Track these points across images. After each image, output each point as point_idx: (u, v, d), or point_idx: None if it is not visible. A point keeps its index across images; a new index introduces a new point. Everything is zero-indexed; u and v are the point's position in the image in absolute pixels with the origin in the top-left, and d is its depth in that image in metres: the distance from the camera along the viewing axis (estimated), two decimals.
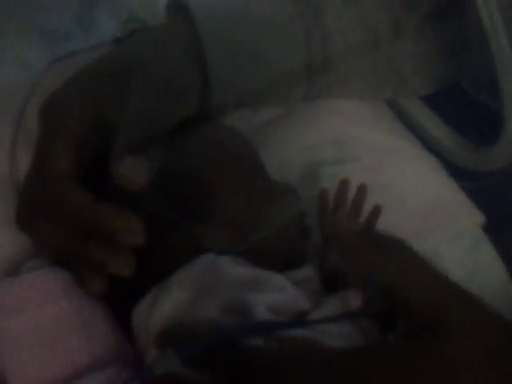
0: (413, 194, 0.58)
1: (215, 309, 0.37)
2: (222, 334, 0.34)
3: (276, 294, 0.39)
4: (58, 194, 0.41)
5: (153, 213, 0.43)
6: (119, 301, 0.43)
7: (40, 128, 0.44)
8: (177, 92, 0.46)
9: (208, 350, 0.32)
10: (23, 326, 0.39)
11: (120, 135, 0.41)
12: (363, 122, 0.63)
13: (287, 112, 0.61)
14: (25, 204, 0.43)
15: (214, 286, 0.38)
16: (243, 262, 0.41)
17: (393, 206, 0.54)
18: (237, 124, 0.58)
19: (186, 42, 0.50)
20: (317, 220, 0.50)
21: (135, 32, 0.54)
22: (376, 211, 0.50)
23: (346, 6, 0.56)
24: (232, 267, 0.39)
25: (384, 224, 0.51)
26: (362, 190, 0.51)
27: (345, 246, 0.44)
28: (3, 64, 0.53)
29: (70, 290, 0.40)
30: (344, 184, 0.51)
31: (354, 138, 0.60)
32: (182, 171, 0.45)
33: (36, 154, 0.43)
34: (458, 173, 0.63)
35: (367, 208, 0.51)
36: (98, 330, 0.40)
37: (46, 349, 0.38)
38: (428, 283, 0.39)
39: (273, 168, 0.53)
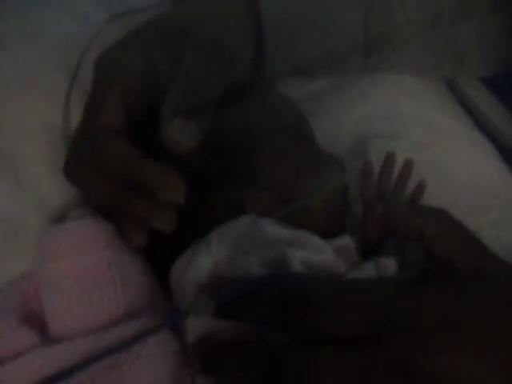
0: (463, 176, 0.57)
1: (254, 264, 0.37)
2: (255, 280, 0.35)
3: (313, 253, 0.39)
4: (104, 148, 0.42)
5: (197, 172, 0.43)
6: (160, 257, 0.43)
7: (92, 82, 0.45)
8: (229, 56, 0.45)
9: (242, 295, 0.34)
10: (63, 272, 0.40)
11: (171, 97, 0.42)
12: (419, 99, 0.62)
13: (342, 82, 0.61)
14: (73, 155, 0.44)
15: (254, 243, 0.39)
16: (283, 225, 0.41)
17: (440, 185, 0.54)
18: (290, 91, 0.58)
19: (244, 5, 0.49)
20: (360, 191, 0.50)
21: None
22: (420, 187, 0.49)
23: None
24: (272, 227, 0.40)
25: (428, 201, 0.51)
26: (409, 165, 0.50)
27: (386, 213, 0.44)
28: (62, 18, 0.54)
29: (112, 240, 0.41)
30: (390, 157, 0.50)
31: (408, 114, 0.59)
32: (229, 134, 0.45)
33: (86, 107, 0.44)
34: None
35: (412, 185, 0.51)
36: (136, 283, 0.41)
37: (84, 296, 0.39)
38: (469, 250, 0.38)
39: (324, 137, 0.53)
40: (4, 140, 0.50)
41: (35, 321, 0.41)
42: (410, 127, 0.58)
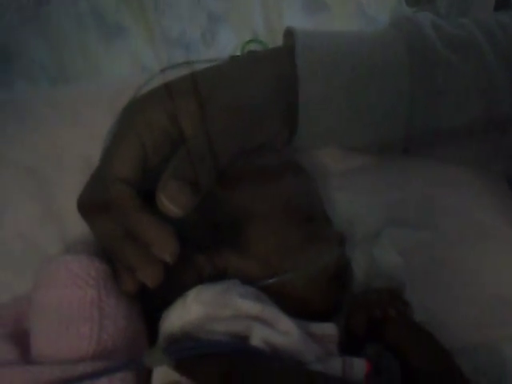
0: (491, 281, 0.53)
1: (219, 332, 0.39)
2: (212, 345, 0.37)
3: (277, 334, 0.39)
4: (112, 195, 0.44)
5: (191, 230, 0.44)
6: (152, 305, 0.45)
7: (116, 127, 0.47)
8: (249, 124, 0.46)
9: (192, 355, 0.36)
10: (48, 301, 0.42)
11: (177, 157, 0.43)
12: (459, 190, 0.59)
13: (383, 162, 0.59)
14: (87, 192, 0.46)
15: (224, 311, 0.40)
16: (263, 297, 0.42)
17: (462, 287, 0.51)
18: (327, 163, 0.58)
19: (281, 71, 0.50)
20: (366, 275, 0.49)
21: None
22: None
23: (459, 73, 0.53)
24: (244, 300, 0.40)
25: (448, 303, 0.50)
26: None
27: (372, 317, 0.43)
28: (121, 62, 0.58)
29: (100, 280, 0.43)
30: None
31: (440, 205, 0.57)
32: (224, 196, 0.46)
33: (104, 153, 0.46)
34: None
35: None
36: (115, 325, 0.42)
37: (62, 327, 0.41)
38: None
39: (347, 214, 0.53)
40: (43, 165, 0.54)
41: (21, 340, 0.44)
42: (438, 218, 0.56)
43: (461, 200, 0.58)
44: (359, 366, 0.39)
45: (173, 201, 0.41)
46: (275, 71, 0.50)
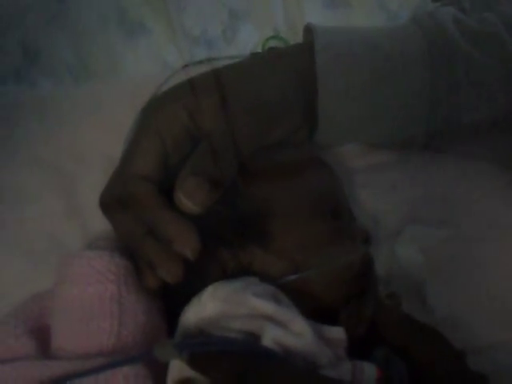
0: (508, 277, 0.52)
1: (233, 330, 0.39)
2: (225, 342, 0.37)
3: (291, 336, 0.39)
4: (133, 191, 0.44)
5: (214, 226, 0.44)
6: (175, 301, 0.45)
7: (137, 125, 0.47)
8: (269, 121, 0.46)
9: (202, 351, 0.37)
10: (70, 297, 0.43)
11: (196, 153, 0.43)
12: (484, 186, 0.58)
13: (401, 158, 0.59)
14: (109, 189, 0.47)
15: (239, 309, 0.40)
16: (280, 296, 0.42)
17: (484, 286, 0.51)
18: (352, 159, 0.58)
19: (301, 68, 0.50)
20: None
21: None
22: None
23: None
24: (259, 299, 0.40)
25: (469, 301, 0.49)
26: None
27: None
28: (144, 59, 0.58)
29: (121, 276, 0.43)
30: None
31: (464, 202, 0.56)
32: (249, 191, 0.46)
33: (125, 151, 0.46)
34: None
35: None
36: (135, 321, 0.43)
37: (82, 323, 0.42)
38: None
39: (373, 211, 0.53)
40: (66, 162, 0.54)
41: (42, 335, 0.45)
42: (461, 216, 0.55)
43: (484, 197, 0.57)
44: (369, 370, 0.39)
45: (191, 198, 0.41)
46: (295, 68, 0.50)
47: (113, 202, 0.46)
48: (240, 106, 0.46)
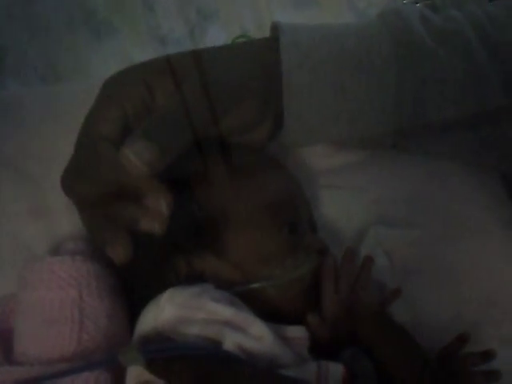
0: (481, 280, 0.53)
1: (191, 335, 0.39)
2: (182, 347, 0.37)
3: (251, 339, 0.39)
4: (98, 155, 0.43)
5: (167, 232, 0.43)
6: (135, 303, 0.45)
7: (98, 95, 0.47)
8: (227, 102, 0.46)
9: (167, 356, 0.37)
10: (32, 302, 0.43)
11: (148, 120, 0.43)
12: (451, 186, 0.58)
13: (369, 158, 0.58)
14: (70, 168, 0.46)
15: (197, 314, 0.40)
16: (237, 301, 0.42)
17: (451, 286, 0.51)
18: (318, 159, 0.58)
19: (265, 64, 0.49)
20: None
21: None
22: (394, 295, 0.47)
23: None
24: (217, 304, 0.40)
25: (436, 302, 0.49)
26: (367, 264, 0.48)
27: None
28: (111, 59, 0.58)
29: (83, 281, 0.43)
30: (349, 254, 0.48)
31: (430, 201, 0.56)
32: (205, 199, 0.45)
33: (85, 119, 0.46)
34: None
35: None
36: (97, 326, 0.43)
37: (43, 328, 0.42)
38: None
39: (335, 215, 0.53)
40: (31, 163, 0.54)
41: (6, 338, 0.44)
42: (427, 216, 0.55)
43: (451, 197, 0.57)
44: (335, 370, 0.39)
45: (139, 156, 0.40)
46: (261, 61, 0.49)
47: (75, 176, 0.45)
48: (196, 86, 0.46)
